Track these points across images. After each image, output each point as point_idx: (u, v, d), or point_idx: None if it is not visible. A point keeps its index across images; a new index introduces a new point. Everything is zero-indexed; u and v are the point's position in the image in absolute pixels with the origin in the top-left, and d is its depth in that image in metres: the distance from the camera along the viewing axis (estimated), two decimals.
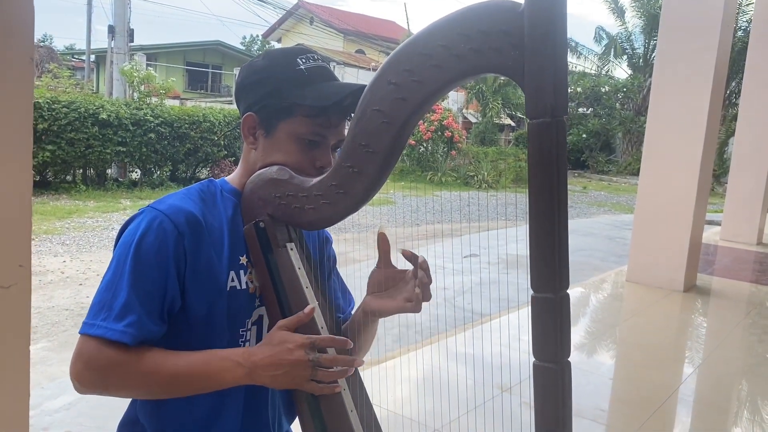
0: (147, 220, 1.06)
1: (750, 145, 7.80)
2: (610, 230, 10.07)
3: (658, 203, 5.40)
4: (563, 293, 0.81)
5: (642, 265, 5.54)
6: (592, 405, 3.10)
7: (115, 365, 1.01)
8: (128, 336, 1.00)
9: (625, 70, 25.10)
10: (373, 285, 1.18)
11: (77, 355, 1.02)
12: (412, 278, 1.13)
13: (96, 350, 1.00)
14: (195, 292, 1.07)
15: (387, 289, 1.16)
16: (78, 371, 1.02)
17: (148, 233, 1.04)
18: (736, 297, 5.61)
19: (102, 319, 1.01)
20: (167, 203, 1.08)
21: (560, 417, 0.82)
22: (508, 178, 16.41)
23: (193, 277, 1.07)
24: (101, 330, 1.00)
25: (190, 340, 1.08)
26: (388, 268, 1.16)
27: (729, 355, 4.01)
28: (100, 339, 1.00)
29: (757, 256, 7.34)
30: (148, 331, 1.03)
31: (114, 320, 1.00)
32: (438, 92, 0.90)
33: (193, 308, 1.07)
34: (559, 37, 0.79)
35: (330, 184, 1.03)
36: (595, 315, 4.99)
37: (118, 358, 1.00)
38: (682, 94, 5.21)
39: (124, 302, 1.01)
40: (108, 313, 1.01)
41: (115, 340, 1.00)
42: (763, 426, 3.10)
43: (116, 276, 1.03)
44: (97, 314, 1.02)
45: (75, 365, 1.02)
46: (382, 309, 1.15)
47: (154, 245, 1.03)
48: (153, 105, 11.42)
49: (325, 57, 1.22)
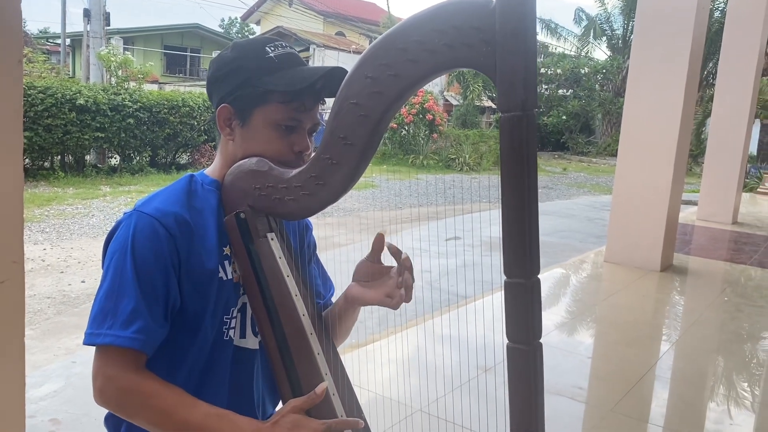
0: (138, 225, 1.07)
1: (726, 125, 7.92)
2: (589, 211, 10.19)
3: (636, 184, 5.49)
4: (534, 278, 0.86)
5: (620, 246, 5.64)
6: (571, 383, 3.18)
7: (136, 389, 1.02)
8: (138, 342, 1.02)
9: (604, 52, 25.22)
10: (359, 274, 1.21)
11: (96, 371, 1.04)
12: (395, 275, 1.16)
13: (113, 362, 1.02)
14: (190, 291, 1.09)
15: (372, 280, 1.20)
16: (100, 387, 1.03)
17: (142, 237, 1.05)
18: (711, 276, 5.73)
19: (108, 327, 1.02)
20: (154, 206, 1.09)
21: (532, 394, 0.86)
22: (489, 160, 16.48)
23: (188, 277, 1.09)
24: (110, 338, 1.01)
25: (179, 330, 1.10)
26: (376, 263, 1.20)
27: (704, 333, 4.12)
28: (112, 348, 1.01)
29: (732, 235, 7.49)
30: (156, 335, 1.05)
31: (121, 327, 1.02)
32: (413, 86, 0.94)
33: (189, 305, 1.10)
34: (528, 34, 0.82)
35: (309, 176, 1.06)
36: (574, 295, 5.09)
37: (140, 382, 1.02)
38: (658, 75, 5.28)
39: (131, 308, 1.02)
40: (113, 321, 1.02)
41: (126, 347, 1.01)
42: (738, 400, 3.20)
43: (116, 283, 1.04)
44: (102, 323, 1.03)
45: (96, 380, 1.04)
46: (363, 297, 1.19)
47: (150, 249, 1.05)
48: (131, 90, 11.28)
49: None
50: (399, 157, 15.85)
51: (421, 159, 15.64)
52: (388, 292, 1.15)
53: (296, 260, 1.21)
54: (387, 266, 1.19)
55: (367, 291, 1.18)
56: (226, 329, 1.16)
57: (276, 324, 1.11)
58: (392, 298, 1.14)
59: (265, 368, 1.23)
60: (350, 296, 1.21)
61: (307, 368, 1.11)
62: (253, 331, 1.20)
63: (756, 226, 8.29)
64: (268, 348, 1.13)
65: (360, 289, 1.20)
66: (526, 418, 0.86)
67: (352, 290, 1.21)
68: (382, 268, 1.19)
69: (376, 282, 1.19)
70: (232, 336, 1.17)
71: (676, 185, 5.43)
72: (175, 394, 1.04)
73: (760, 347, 4.03)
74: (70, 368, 3.30)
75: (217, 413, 1.04)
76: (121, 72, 11.69)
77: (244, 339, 1.19)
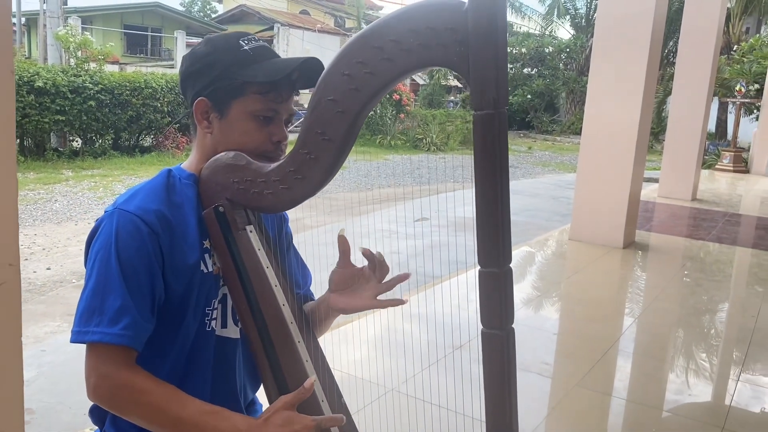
0: (120, 223, 1.07)
1: (686, 103, 8.11)
2: (554, 190, 10.37)
3: (599, 163, 5.61)
4: (507, 268, 0.90)
5: (584, 224, 5.77)
6: (538, 359, 3.28)
7: (129, 386, 1.04)
8: (127, 338, 1.03)
9: (568, 30, 25.46)
10: (335, 283, 1.23)
11: (89, 370, 1.04)
12: (372, 275, 1.19)
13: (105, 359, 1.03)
14: (174, 285, 1.11)
15: (349, 286, 1.22)
16: (94, 384, 1.04)
17: (125, 235, 1.06)
18: (672, 251, 5.92)
19: (95, 325, 1.03)
20: (135, 204, 1.10)
21: (506, 376, 0.92)
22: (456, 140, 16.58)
23: (171, 272, 1.10)
24: (98, 335, 1.02)
25: (162, 323, 1.12)
26: (348, 268, 1.22)
27: (665, 307, 4.27)
28: (102, 346, 1.03)
29: (691, 212, 7.71)
30: (143, 331, 1.06)
31: (108, 324, 1.03)
32: (389, 83, 0.97)
33: (172, 299, 1.12)
34: (500, 34, 0.86)
35: (288, 170, 1.08)
36: (540, 273, 5.21)
37: (133, 379, 1.04)
38: (620, 55, 5.38)
39: (119, 305, 1.03)
40: (101, 318, 1.03)
41: (115, 344, 1.02)
42: (697, 371, 3.35)
43: (101, 280, 1.05)
44: (89, 320, 1.03)
45: (89, 379, 1.05)
46: (348, 307, 1.21)
47: (134, 246, 1.06)
48: (92, 71, 11.03)
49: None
50: (366, 137, 15.84)
51: (388, 139, 15.66)
52: (374, 293, 1.19)
53: (275, 252, 1.23)
54: (359, 268, 1.21)
55: (352, 299, 1.21)
56: (207, 320, 1.18)
57: (257, 314, 1.14)
58: (381, 299, 1.18)
59: (246, 356, 1.26)
60: (336, 308, 1.23)
61: (288, 356, 1.15)
62: (234, 321, 1.23)
63: (714, 202, 8.54)
64: (250, 337, 1.16)
65: (344, 300, 1.21)
66: (501, 398, 0.91)
67: (336, 303, 1.23)
68: (355, 270, 1.21)
69: (355, 286, 1.21)
70: (214, 327, 1.20)
71: (637, 164, 5.56)
72: (167, 390, 1.06)
73: (718, 320, 4.20)
74: (40, 357, 3.29)
75: (211, 410, 1.05)
76: (80, 53, 11.39)
77: (225, 329, 1.22)
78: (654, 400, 3.00)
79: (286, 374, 1.13)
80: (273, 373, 1.13)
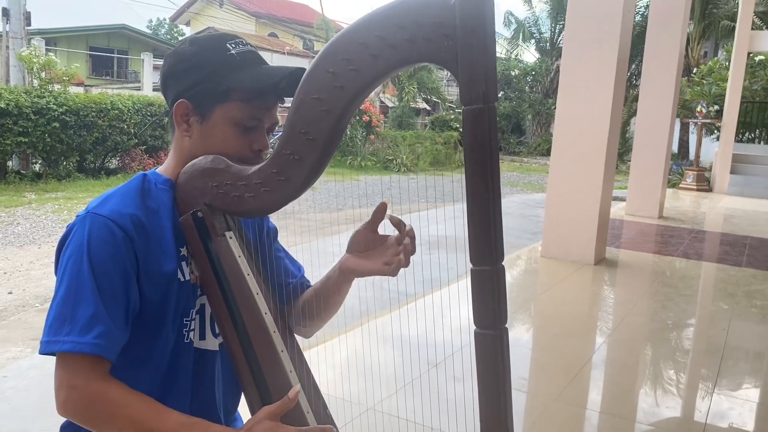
0: (93, 227, 1.02)
1: (650, 123, 8.28)
2: (523, 209, 10.45)
3: (569, 182, 5.67)
4: (499, 266, 0.88)
5: (555, 241, 5.81)
6: (515, 374, 3.25)
7: (103, 398, 0.97)
8: (99, 348, 0.97)
9: (533, 54, 25.93)
10: (354, 244, 1.19)
11: (59, 382, 0.98)
12: (394, 244, 1.15)
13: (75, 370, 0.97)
14: (150, 293, 1.06)
15: (367, 250, 1.18)
16: (64, 398, 0.97)
17: (98, 240, 1.01)
18: (641, 268, 5.98)
19: (66, 334, 0.96)
20: (108, 208, 1.05)
21: (500, 377, 0.89)
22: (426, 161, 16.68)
23: (146, 279, 1.05)
24: (69, 345, 0.96)
25: (139, 335, 1.07)
26: (373, 233, 1.18)
27: (637, 322, 4.30)
28: (72, 356, 0.96)
29: (658, 229, 7.84)
30: (117, 340, 1.00)
31: (80, 333, 0.96)
32: (375, 81, 0.94)
33: (148, 308, 1.06)
34: (488, 28, 0.84)
35: (270, 172, 1.04)
36: (513, 290, 5.20)
37: (107, 390, 0.97)
38: (588, 77, 5.47)
39: (90, 313, 0.97)
40: (72, 327, 0.97)
41: (87, 353, 0.96)
42: (669, 384, 3.36)
43: (72, 288, 0.99)
44: (59, 330, 0.97)
45: (59, 392, 0.98)
46: (360, 268, 1.17)
47: (108, 252, 1.00)
48: (56, 93, 10.83)
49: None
50: (337, 158, 15.83)
51: (359, 160, 15.67)
52: (386, 260, 1.14)
53: (256, 258, 1.19)
54: (384, 235, 1.17)
55: (364, 262, 1.17)
56: (186, 332, 1.13)
57: (238, 323, 1.10)
58: (390, 265, 1.13)
59: (226, 368, 1.21)
60: (347, 268, 1.19)
61: (271, 366, 1.10)
62: (212, 333, 1.18)
63: (680, 219, 8.70)
64: (231, 348, 1.11)
65: (357, 261, 1.18)
66: (496, 400, 0.88)
67: (348, 262, 1.19)
68: (379, 237, 1.18)
69: (372, 252, 1.17)
70: (192, 338, 1.15)
71: (606, 182, 5.64)
72: (144, 402, 1.00)
73: (686, 334, 4.24)
74: (2, 383, 3.15)
75: (190, 422, 1.00)
76: (44, 74, 11.19)
77: (204, 341, 1.17)
78: (629, 412, 2.99)
79: (269, 385, 1.08)
80: (256, 383, 1.09)
